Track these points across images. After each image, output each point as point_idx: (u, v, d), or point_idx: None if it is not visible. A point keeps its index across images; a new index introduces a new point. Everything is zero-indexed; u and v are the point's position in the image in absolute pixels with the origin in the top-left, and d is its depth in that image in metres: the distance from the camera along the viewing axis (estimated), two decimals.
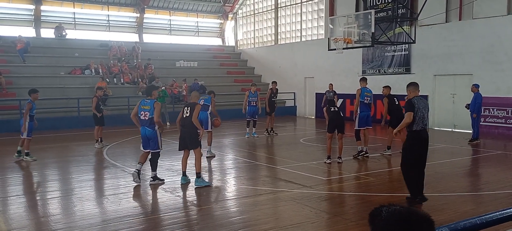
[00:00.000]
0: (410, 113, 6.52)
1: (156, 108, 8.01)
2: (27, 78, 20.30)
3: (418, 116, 6.52)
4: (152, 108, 8.04)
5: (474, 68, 16.12)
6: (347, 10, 19.27)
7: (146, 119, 8.10)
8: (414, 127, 6.54)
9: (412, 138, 6.62)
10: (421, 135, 6.60)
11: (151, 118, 8.06)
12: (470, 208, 6.75)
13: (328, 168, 9.76)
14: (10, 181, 9.38)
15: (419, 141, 6.60)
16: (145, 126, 8.13)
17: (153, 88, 8.69)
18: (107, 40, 25.55)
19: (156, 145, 8.18)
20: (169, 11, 28.61)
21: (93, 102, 13.36)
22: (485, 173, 9.90)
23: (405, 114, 6.68)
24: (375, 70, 19.95)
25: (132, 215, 6.50)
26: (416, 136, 6.58)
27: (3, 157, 11.99)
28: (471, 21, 16.39)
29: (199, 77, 24.55)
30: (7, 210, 6.85)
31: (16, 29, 23.48)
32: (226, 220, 6.30)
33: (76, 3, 25.45)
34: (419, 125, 6.54)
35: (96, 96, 13.53)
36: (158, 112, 8.03)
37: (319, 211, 6.68)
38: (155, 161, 8.27)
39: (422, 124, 6.56)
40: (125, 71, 22.92)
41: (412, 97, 6.66)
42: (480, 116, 13.98)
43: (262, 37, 28.05)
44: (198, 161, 8.12)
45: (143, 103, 8.20)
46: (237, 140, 15.03)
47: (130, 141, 14.74)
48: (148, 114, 8.08)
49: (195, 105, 8.28)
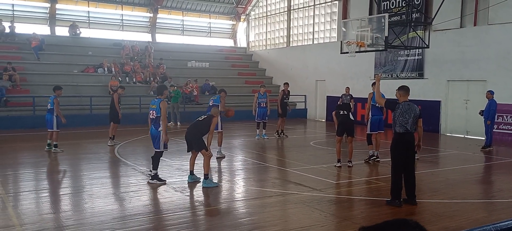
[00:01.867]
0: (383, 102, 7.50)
1: (162, 108, 8.11)
2: (41, 76, 20.58)
3: (400, 119, 6.83)
4: (158, 108, 8.16)
5: (489, 75, 15.91)
6: (360, 14, 19.18)
7: (153, 118, 8.25)
8: (397, 129, 6.88)
9: (395, 140, 6.97)
10: (404, 137, 6.84)
11: (157, 116, 8.17)
12: (482, 216, 6.65)
13: (338, 172, 9.71)
14: (22, 176, 9.50)
15: (401, 143, 6.87)
16: (152, 124, 8.32)
17: (164, 88, 8.79)
18: (120, 39, 25.79)
19: (158, 144, 8.25)
20: (182, 12, 28.77)
21: (115, 99, 13.52)
22: (498, 180, 9.76)
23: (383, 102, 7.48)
24: (387, 74, 19.80)
25: (141, 213, 6.54)
26: (398, 138, 6.90)
27: (16, 153, 12.17)
28: (487, 27, 16.18)
29: (211, 78, 24.64)
30: (19, 205, 6.94)
31: (31, 26, 23.81)
32: (235, 221, 6.29)
33: (90, 2, 25.74)
34: (402, 128, 6.83)
35: (117, 93, 13.69)
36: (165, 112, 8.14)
37: (329, 214, 6.64)
38: (156, 160, 8.33)
39: (405, 128, 6.81)
40: (137, 70, 23.10)
41: (401, 101, 7.00)
42: (493, 123, 13.79)
43: (274, 39, 28.04)
44: (206, 162, 8.17)
45: (153, 102, 8.40)
46: (247, 141, 15.03)
47: (141, 140, 14.84)
48: (154, 113, 8.22)
49: (212, 118, 8.46)
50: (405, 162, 6.88)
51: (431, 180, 9.03)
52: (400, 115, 6.84)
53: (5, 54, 20.95)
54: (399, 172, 6.92)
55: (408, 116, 6.82)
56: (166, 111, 8.22)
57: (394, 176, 6.96)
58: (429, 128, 16.64)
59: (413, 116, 6.86)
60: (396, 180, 6.92)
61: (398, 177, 6.91)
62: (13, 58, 20.62)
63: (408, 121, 6.82)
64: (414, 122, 6.90)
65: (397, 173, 6.93)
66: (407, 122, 6.81)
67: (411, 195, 6.98)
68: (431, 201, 7.38)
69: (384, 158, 11.14)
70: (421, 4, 17.85)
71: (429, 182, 8.79)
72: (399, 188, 6.90)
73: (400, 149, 6.88)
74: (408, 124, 6.82)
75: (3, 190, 7.83)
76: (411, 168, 6.98)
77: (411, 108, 6.89)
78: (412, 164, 7.02)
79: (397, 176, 6.92)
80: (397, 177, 6.92)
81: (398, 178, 6.91)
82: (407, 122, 6.81)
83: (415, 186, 7.01)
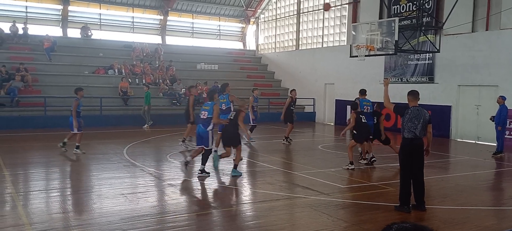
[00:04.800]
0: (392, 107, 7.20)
1: (215, 110, 9.05)
2: (53, 77, 20.80)
3: (408, 124, 6.74)
4: (211, 110, 9.08)
5: (500, 80, 15.72)
6: (370, 17, 19.08)
7: (204, 118, 9.11)
8: (405, 134, 6.80)
9: (402, 145, 6.92)
10: (411, 142, 6.76)
11: (209, 117, 9.06)
12: (492, 223, 6.57)
13: (349, 176, 9.66)
14: (32, 176, 9.61)
15: (408, 147, 6.79)
16: (200, 124, 9.17)
17: (214, 92, 9.78)
18: (131, 41, 25.99)
19: (207, 142, 9.07)
20: (192, 14, 28.92)
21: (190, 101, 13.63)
22: (509, 187, 9.63)
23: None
24: (397, 78, 19.67)
25: (149, 215, 6.56)
26: (405, 143, 6.83)
27: (26, 152, 12.31)
28: (498, 32, 16.00)
29: (219, 80, 24.65)
30: (28, 205, 7.01)
31: (44, 28, 24.13)
32: (242, 224, 6.29)
33: (102, 4, 26.00)
34: (410, 133, 6.73)
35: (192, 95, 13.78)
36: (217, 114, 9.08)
37: (336, 219, 6.60)
38: (205, 156, 9.15)
39: (413, 133, 6.72)
40: (147, 72, 23.24)
41: (411, 106, 6.88)
42: (505, 129, 13.61)
43: (283, 42, 28.04)
44: (238, 156, 9.39)
45: (206, 104, 9.45)
46: (254, 144, 15.01)
47: (150, 141, 14.92)
48: (206, 114, 9.12)
49: (240, 113, 9.47)
50: (412, 167, 6.78)
51: (441, 186, 8.93)
52: (409, 120, 6.74)
53: (18, 55, 21.23)
54: (407, 178, 6.83)
55: (417, 121, 6.71)
56: (217, 113, 9.18)
57: (402, 181, 6.90)
58: (440, 133, 16.47)
59: (423, 121, 6.74)
60: (404, 186, 6.84)
61: (406, 183, 6.83)
62: (25, 59, 20.88)
63: (417, 126, 6.71)
64: (423, 128, 6.77)
65: (405, 178, 6.85)
66: (416, 127, 6.71)
67: (419, 201, 6.89)
68: (441, 207, 7.30)
69: (391, 163, 11.06)
70: (432, 8, 17.72)
71: (439, 188, 8.70)
72: (408, 194, 6.81)
73: (405, 154, 6.83)
74: (417, 129, 6.72)
75: (13, 189, 7.93)
76: (420, 173, 6.86)
77: (420, 114, 6.77)
78: (420, 170, 6.89)
79: (405, 181, 6.84)
80: (405, 183, 6.84)
81: (406, 184, 6.82)
82: (416, 127, 6.71)
83: (423, 192, 6.90)
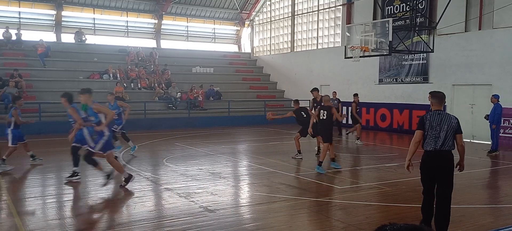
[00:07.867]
0: (418, 132, 5.56)
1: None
2: (47, 82, 20.72)
3: (430, 132, 5.45)
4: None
5: (494, 79, 15.83)
6: (364, 18, 19.17)
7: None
8: (425, 145, 5.54)
9: (422, 158, 5.64)
10: (430, 155, 5.49)
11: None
12: (488, 221, 6.60)
13: (346, 177, 9.67)
14: (28, 182, 9.55)
15: (428, 161, 5.53)
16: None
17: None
18: (126, 45, 25.95)
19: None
20: (187, 18, 28.92)
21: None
22: (505, 185, 9.68)
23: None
24: (392, 79, 19.76)
25: (146, 219, 6.54)
26: (425, 156, 5.57)
27: (21, 159, 12.22)
28: (491, 31, 16.12)
29: (215, 83, 24.69)
30: (24, 212, 6.97)
31: (38, 33, 24.02)
32: (239, 227, 6.28)
33: (96, 9, 25.94)
34: (431, 144, 5.46)
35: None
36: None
37: (334, 220, 6.61)
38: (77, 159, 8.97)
39: (434, 143, 5.43)
40: (142, 76, 23.20)
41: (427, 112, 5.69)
42: (499, 127, 13.70)
43: (278, 44, 28.09)
44: (324, 153, 10.13)
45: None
46: (252, 146, 15.01)
47: (146, 146, 14.87)
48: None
49: (331, 108, 10.06)
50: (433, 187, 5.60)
51: None
52: (430, 128, 5.45)
53: (12, 61, 21.14)
54: (426, 200, 5.70)
55: (439, 128, 5.40)
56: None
57: (422, 202, 5.80)
58: None
59: (447, 129, 5.40)
60: (423, 208, 5.77)
61: (425, 202, 5.72)
62: (19, 65, 20.79)
63: (440, 135, 5.38)
64: (449, 137, 5.41)
65: (424, 200, 5.73)
66: (438, 135, 5.39)
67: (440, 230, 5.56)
68: None
69: (387, 164, 11.08)
70: (425, 8, 17.83)
71: None
72: (426, 215, 5.69)
73: (425, 171, 5.60)
74: (440, 138, 5.38)
75: (9, 196, 7.87)
76: (443, 196, 5.53)
77: (443, 119, 5.43)
78: (445, 193, 5.54)
79: (424, 203, 5.75)
80: (423, 204, 5.75)
81: (426, 203, 5.71)
82: (438, 135, 5.39)
83: (446, 221, 5.52)
